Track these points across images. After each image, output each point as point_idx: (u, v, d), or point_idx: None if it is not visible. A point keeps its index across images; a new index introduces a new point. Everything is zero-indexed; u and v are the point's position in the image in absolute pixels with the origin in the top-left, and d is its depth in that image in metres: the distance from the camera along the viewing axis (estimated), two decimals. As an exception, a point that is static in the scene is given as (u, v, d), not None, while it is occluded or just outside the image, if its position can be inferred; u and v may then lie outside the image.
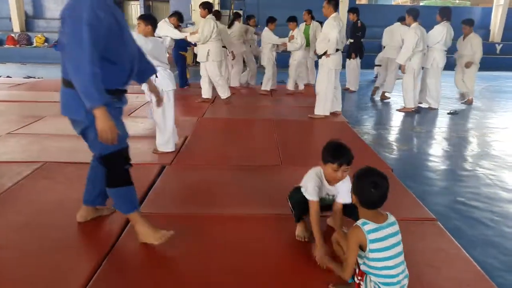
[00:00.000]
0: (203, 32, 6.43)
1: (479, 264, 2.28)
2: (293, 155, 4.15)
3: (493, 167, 4.16)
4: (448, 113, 6.77)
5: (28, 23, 15.51)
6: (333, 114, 6.10)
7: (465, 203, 3.28)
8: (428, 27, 6.88)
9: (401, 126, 6.09)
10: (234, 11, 14.05)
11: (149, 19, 3.86)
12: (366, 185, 1.76)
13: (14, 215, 2.71)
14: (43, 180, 3.38)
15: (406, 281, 1.83)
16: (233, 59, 8.12)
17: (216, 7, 14.19)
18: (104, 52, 2.07)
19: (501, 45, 15.08)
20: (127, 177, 2.38)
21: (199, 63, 6.88)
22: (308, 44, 8.71)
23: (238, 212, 2.83)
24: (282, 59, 8.58)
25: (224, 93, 6.81)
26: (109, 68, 2.13)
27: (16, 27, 14.79)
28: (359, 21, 8.55)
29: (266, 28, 8.03)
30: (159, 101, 3.02)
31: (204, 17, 6.57)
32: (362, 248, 1.80)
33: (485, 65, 13.57)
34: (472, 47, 7.44)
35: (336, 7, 5.67)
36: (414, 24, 6.49)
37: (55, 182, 3.39)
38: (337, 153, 2.16)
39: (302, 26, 8.76)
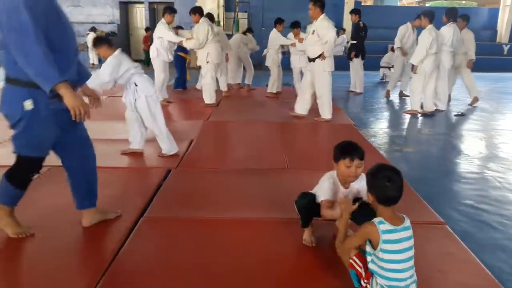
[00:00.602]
0: (198, 37, 6.45)
1: (488, 268, 2.25)
2: (299, 159, 4.14)
3: (502, 170, 4.12)
4: (456, 115, 6.72)
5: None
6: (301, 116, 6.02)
7: (474, 206, 3.25)
8: (436, 28, 6.83)
9: (408, 128, 6.05)
10: (238, 18, 14.08)
11: (100, 41, 3.88)
12: (380, 180, 1.77)
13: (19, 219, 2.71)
14: (49, 184, 3.38)
15: (414, 286, 1.81)
16: (226, 62, 8.12)
17: (221, 10, 14.25)
18: (45, 40, 2.02)
19: (508, 46, 14.99)
20: (25, 184, 2.36)
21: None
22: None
23: (245, 216, 2.82)
24: (286, 61, 8.57)
25: (207, 99, 6.79)
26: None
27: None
28: (361, 22, 8.55)
29: (274, 30, 8.00)
30: (96, 103, 2.88)
31: (197, 22, 6.59)
32: (373, 245, 1.79)
33: (492, 66, 13.60)
34: (465, 43, 7.34)
35: (323, 8, 5.52)
36: (430, 26, 6.43)
37: (61, 187, 3.39)
38: (348, 149, 2.18)
39: (310, 27, 8.75)
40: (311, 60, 5.74)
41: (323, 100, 5.82)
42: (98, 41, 3.91)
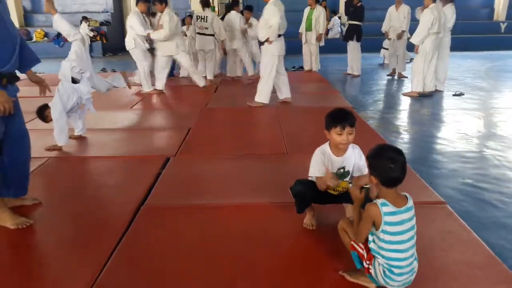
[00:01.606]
0: (169, 27, 6.31)
1: (490, 246, 2.25)
2: (299, 143, 4.12)
3: (501, 148, 4.11)
4: (454, 95, 6.70)
5: (27, 18, 15.45)
6: (284, 102, 5.95)
7: (474, 185, 3.25)
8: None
9: (406, 110, 6.03)
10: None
11: None
12: (384, 162, 1.74)
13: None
14: (48, 175, 3.38)
15: (416, 264, 1.82)
16: (223, 49, 7.90)
17: (214, -4, 14.06)
18: None
19: (505, 24, 14.87)
20: None
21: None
22: (310, 29, 8.64)
23: (245, 202, 2.82)
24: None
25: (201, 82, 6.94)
26: None
27: (15, 22, 14.57)
28: (359, 3, 8.46)
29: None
30: (43, 89, 2.88)
31: (162, 11, 6.43)
32: (375, 225, 1.79)
33: (489, 45, 13.52)
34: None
35: None
36: (432, 5, 6.33)
37: (60, 178, 3.38)
38: (339, 116, 2.20)
39: (307, 10, 8.70)
40: (261, 43, 5.79)
41: (262, 82, 5.75)
42: None
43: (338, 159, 2.28)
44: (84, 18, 13.72)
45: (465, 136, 4.52)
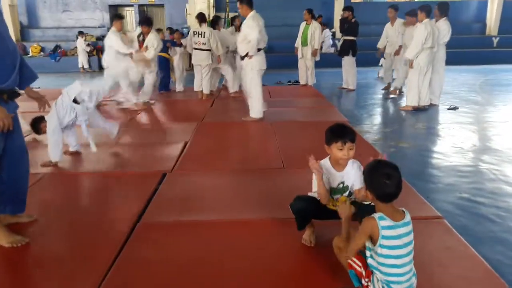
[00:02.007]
0: (157, 47, 6.64)
1: (487, 261, 2.25)
2: (296, 158, 4.12)
3: (496, 162, 4.13)
4: (449, 109, 6.75)
5: (24, 32, 15.51)
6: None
7: (470, 199, 3.25)
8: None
9: (402, 123, 6.06)
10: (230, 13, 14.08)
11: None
12: (379, 178, 1.75)
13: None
14: (43, 192, 3.35)
15: (414, 280, 1.81)
16: (218, 63, 7.90)
17: (211, 10, 14.23)
18: None
19: (497, 38, 15.08)
20: None
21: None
22: (306, 44, 8.73)
23: (242, 217, 2.80)
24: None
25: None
26: None
27: (12, 37, 14.74)
28: (353, 19, 8.57)
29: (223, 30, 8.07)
30: (42, 105, 2.90)
31: (148, 33, 6.66)
32: (372, 241, 1.78)
33: (482, 59, 13.68)
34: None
35: (251, 6, 5.53)
36: (426, 20, 6.41)
37: (55, 194, 3.36)
38: (340, 132, 2.22)
39: (303, 25, 8.80)
40: (242, 58, 5.79)
41: (252, 98, 5.79)
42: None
43: (338, 174, 2.29)
44: (80, 33, 13.79)
45: (460, 150, 4.54)
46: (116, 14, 6.78)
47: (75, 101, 3.89)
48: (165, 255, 2.36)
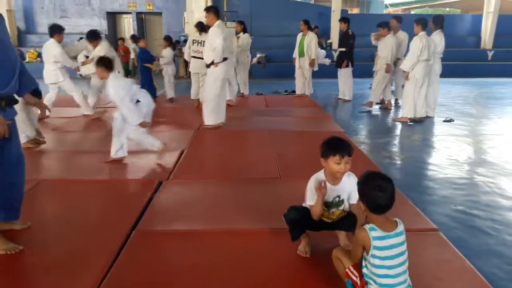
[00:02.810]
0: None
1: (483, 274, 2.25)
2: (291, 167, 4.12)
3: (492, 175, 4.15)
4: (444, 121, 6.79)
5: (21, 38, 15.49)
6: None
7: (466, 212, 3.26)
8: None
9: (398, 135, 6.09)
10: (227, 22, 14.17)
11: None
12: (372, 189, 1.76)
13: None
14: (38, 198, 3.32)
15: None
16: None
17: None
18: None
19: (492, 52, 15.23)
20: None
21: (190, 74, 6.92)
22: (303, 55, 8.78)
23: (238, 227, 2.79)
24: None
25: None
26: None
27: (9, 42, 14.74)
28: (349, 30, 8.63)
29: None
30: (43, 111, 2.93)
31: (96, 46, 6.56)
32: (366, 251, 1.80)
33: (477, 72, 13.81)
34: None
35: (217, 15, 5.68)
36: (422, 33, 6.48)
37: (50, 201, 3.34)
38: (337, 145, 2.19)
39: (299, 36, 8.86)
40: (207, 65, 5.86)
41: (207, 105, 5.83)
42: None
43: (334, 187, 2.26)
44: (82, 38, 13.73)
45: (456, 162, 4.56)
46: (55, 25, 6.45)
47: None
48: (160, 263, 2.34)
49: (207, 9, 5.76)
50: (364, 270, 1.83)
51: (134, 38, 10.51)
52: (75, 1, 15.52)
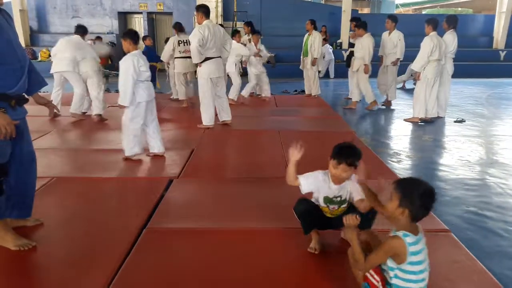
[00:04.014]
0: None
1: (495, 276, 2.24)
2: (301, 167, 4.10)
3: (503, 176, 4.11)
4: (455, 121, 6.73)
5: (33, 37, 15.65)
6: (224, 124, 5.99)
7: (478, 213, 3.23)
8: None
9: (408, 135, 6.05)
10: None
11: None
12: (424, 201, 1.72)
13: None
14: (50, 196, 3.36)
15: None
16: None
17: (219, 19, 14.32)
18: None
19: (504, 52, 15.04)
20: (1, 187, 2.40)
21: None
22: (306, 54, 8.76)
23: (248, 226, 2.80)
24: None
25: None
26: None
27: (21, 41, 14.91)
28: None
29: (233, 41, 8.01)
30: (52, 110, 2.93)
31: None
32: (395, 260, 1.75)
33: (489, 72, 13.66)
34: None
35: (206, 15, 5.60)
36: (433, 33, 6.44)
37: (63, 198, 3.37)
38: (340, 151, 2.24)
39: (306, 36, 8.84)
40: (195, 65, 5.90)
41: (201, 105, 5.83)
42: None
43: (336, 186, 2.34)
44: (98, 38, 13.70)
45: (467, 163, 4.52)
46: (81, 26, 6.55)
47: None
48: (171, 261, 2.36)
49: (197, 8, 5.70)
50: (394, 281, 1.77)
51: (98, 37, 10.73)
52: (87, 1, 15.63)
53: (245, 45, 8.28)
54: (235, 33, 8.31)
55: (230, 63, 7.73)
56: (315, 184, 2.37)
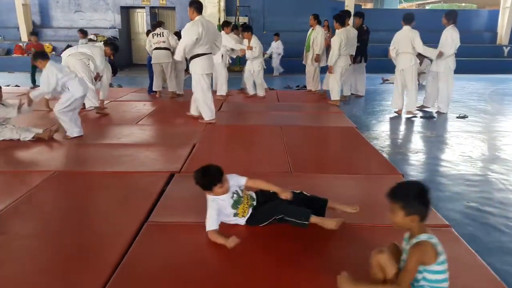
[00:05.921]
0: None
1: (496, 272, 2.24)
2: (302, 162, 4.12)
3: (505, 171, 4.10)
4: (458, 117, 6.71)
5: (36, 32, 15.65)
6: (200, 117, 5.96)
7: (479, 209, 3.23)
8: (435, 31, 6.85)
9: (411, 131, 6.04)
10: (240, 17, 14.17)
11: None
12: (426, 199, 1.80)
13: (24, 224, 2.70)
14: (52, 189, 3.38)
15: None
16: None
17: (222, 14, 14.29)
18: None
19: (508, 48, 14.97)
20: None
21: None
22: (308, 50, 8.73)
23: (249, 220, 2.80)
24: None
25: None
26: None
27: (24, 36, 14.93)
28: (364, 26, 8.55)
29: (222, 32, 7.95)
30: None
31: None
32: (424, 263, 1.77)
33: (492, 68, 13.60)
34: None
35: (199, 10, 5.55)
36: (450, 26, 6.62)
37: (64, 192, 3.39)
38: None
39: (310, 31, 8.80)
40: (188, 60, 5.91)
41: (199, 103, 5.82)
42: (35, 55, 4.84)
43: (227, 195, 2.65)
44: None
45: (469, 159, 4.51)
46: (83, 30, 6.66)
47: None
48: (171, 255, 2.37)
49: (190, 4, 5.62)
50: (422, 283, 1.78)
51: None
52: (90, -5, 15.63)
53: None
54: (225, 25, 8.37)
55: (217, 54, 7.73)
56: (219, 212, 2.58)
